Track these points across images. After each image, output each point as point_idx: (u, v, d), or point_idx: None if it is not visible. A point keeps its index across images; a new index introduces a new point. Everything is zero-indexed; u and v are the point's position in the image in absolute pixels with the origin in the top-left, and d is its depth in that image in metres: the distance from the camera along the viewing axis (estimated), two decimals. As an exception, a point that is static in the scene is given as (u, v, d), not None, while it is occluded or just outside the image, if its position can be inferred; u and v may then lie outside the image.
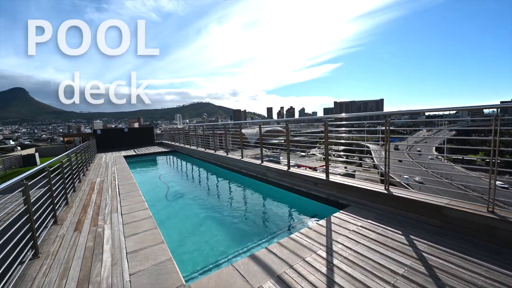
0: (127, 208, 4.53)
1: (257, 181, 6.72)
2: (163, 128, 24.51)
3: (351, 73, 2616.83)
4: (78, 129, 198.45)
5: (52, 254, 3.02)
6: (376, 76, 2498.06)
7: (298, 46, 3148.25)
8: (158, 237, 3.30)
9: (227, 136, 8.65)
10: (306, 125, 11.14)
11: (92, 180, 7.11)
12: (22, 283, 2.46)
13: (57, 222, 3.99)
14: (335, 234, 3.15)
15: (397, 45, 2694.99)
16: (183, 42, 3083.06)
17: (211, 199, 6.43)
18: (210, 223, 5.03)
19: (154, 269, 2.59)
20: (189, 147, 12.47)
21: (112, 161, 10.59)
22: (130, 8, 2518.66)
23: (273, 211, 5.37)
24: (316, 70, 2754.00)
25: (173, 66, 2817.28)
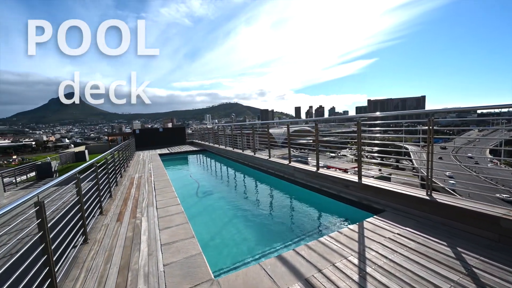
0: (161, 202, 4.84)
1: (285, 182, 6.65)
2: (194, 128, 25.69)
3: (387, 69, 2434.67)
4: (120, 129, 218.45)
5: (99, 241, 3.36)
6: (416, 71, 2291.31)
7: (328, 42, 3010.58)
8: (189, 232, 3.45)
9: (255, 136, 8.71)
10: (336, 125, 10.66)
11: (132, 175, 7.74)
12: (75, 264, 2.78)
13: (102, 213, 4.43)
14: (368, 240, 2.96)
15: (440, 37, 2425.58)
16: (212, 44, 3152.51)
17: (238, 198, 6.54)
18: (237, 221, 5.12)
19: (185, 262, 2.72)
20: (218, 146, 12.86)
21: (149, 159, 11.42)
22: (165, 15, 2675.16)
23: (301, 212, 5.26)
24: (348, 67, 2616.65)
25: (203, 68, 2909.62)
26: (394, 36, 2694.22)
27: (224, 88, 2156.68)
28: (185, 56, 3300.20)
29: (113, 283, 2.43)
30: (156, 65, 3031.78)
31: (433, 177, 3.52)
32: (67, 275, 2.57)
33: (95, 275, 2.57)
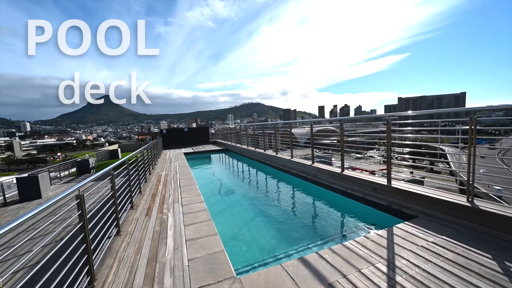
0: (186, 199, 5.03)
1: (307, 183, 6.51)
2: (217, 128, 26.32)
3: (420, 64, 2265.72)
4: (148, 128, 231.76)
5: (130, 233, 3.59)
6: (454, 66, 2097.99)
7: (355, 38, 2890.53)
8: (212, 229, 3.54)
9: (277, 136, 8.66)
10: (363, 125, 10.11)
11: (159, 173, 8.16)
12: (109, 254, 3.00)
13: (133, 207, 4.73)
14: (398, 247, 2.77)
15: (482, 27, 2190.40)
16: (235, 45, 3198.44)
17: (260, 197, 6.55)
18: (259, 220, 5.13)
19: (208, 258, 2.79)
20: (240, 146, 13.02)
21: (175, 157, 11.95)
22: (190, 19, 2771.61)
23: (324, 215, 5.11)
24: (376, 63, 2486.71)
25: (226, 69, 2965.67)
26: (429, 28, 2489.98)
27: (247, 88, 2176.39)
28: (209, 57, 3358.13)
29: (142, 273, 2.58)
30: (182, 67, 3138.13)
31: (475, 182, 3.19)
32: (103, 264, 2.78)
33: (127, 265, 2.75)
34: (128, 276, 2.54)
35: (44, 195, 7.40)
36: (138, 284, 2.42)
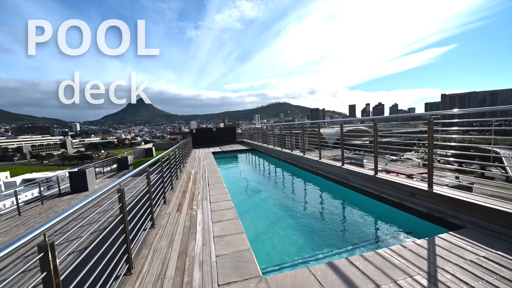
0: (214, 197, 5.18)
1: (336, 185, 6.25)
2: (244, 128, 26.70)
3: (468, 56, 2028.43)
4: (179, 128, 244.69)
5: (163, 226, 3.82)
6: (510, 57, 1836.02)
7: (390, 32, 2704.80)
8: (239, 227, 3.59)
9: (304, 136, 8.47)
10: (399, 124, 9.23)
11: (189, 171, 8.55)
12: (144, 245, 3.22)
13: (165, 202, 5.02)
14: (441, 260, 2.51)
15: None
16: (263, 45, 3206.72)
17: (286, 198, 6.47)
18: (284, 221, 5.06)
19: (235, 256, 2.83)
20: (266, 145, 13.03)
21: (203, 156, 12.41)
22: (219, 21, 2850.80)
23: (355, 219, 4.85)
24: (416, 58, 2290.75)
25: (254, 69, 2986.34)
26: (479, 16, 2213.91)
27: (273, 88, 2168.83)
28: (237, 58, 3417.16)
29: (174, 265, 2.72)
30: (211, 69, 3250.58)
31: (540, 191, 2.74)
32: (139, 254, 2.99)
33: (160, 257, 2.92)
34: (161, 267, 2.70)
35: (90, 188, 8.25)
36: (170, 275, 2.55)
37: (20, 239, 1.21)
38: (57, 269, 1.37)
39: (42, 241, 1.32)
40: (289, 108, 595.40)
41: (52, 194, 7.99)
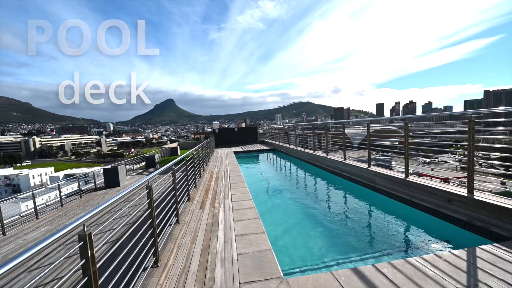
0: (236, 196, 5.25)
1: (362, 187, 5.97)
2: (265, 128, 26.70)
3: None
4: (203, 128, 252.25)
5: (187, 223, 3.96)
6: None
7: (423, 25, 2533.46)
8: (260, 227, 3.59)
9: (328, 136, 8.23)
10: (433, 124, 8.42)
11: (211, 170, 8.76)
12: (169, 240, 3.37)
13: (189, 200, 5.20)
14: (483, 274, 2.27)
15: None
16: (285, 45, 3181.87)
17: (308, 199, 6.34)
18: (307, 223, 4.96)
19: (256, 255, 2.84)
20: (288, 146, 12.89)
21: (225, 156, 12.64)
22: (241, 22, 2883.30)
23: (382, 224, 4.59)
24: (453, 51, 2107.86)
25: (275, 69, 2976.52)
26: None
27: (296, 87, 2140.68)
28: (258, 59, 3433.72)
29: (197, 261, 2.80)
30: (233, 70, 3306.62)
31: None
32: (165, 248, 3.13)
33: (184, 251, 3.03)
34: (185, 262, 2.80)
35: (122, 184, 8.84)
36: (193, 270, 2.63)
37: (64, 228, 1.33)
38: (94, 258, 1.49)
39: (82, 231, 1.44)
40: (312, 107, 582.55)
41: (89, 189, 8.71)
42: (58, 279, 2.97)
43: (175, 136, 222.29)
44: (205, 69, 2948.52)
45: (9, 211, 8.39)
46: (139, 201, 5.52)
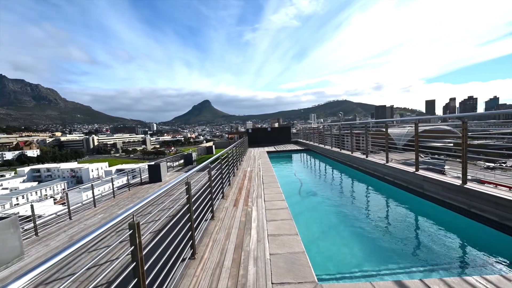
0: (268, 196, 5.24)
1: (407, 193, 5.43)
2: (299, 128, 26.17)
3: None
4: (236, 128, 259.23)
5: (221, 219, 4.09)
6: None
7: (487, 8, 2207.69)
8: (293, 228, 3.52)
9: (367, 136, 7.67)
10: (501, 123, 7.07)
11: (245, 169, 8.92)
12: (205, 234, 3.52)
13: (223, 197, 5.37)
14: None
15: None
16: (321, 41, 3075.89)
17: (345, 203, 6.00)
18: (343, 228, 4.70)
19: (289, 257, 2.79)
20: (323, 146, 12.42)
21: (258, 155, 12.75)
22: (275, 21, 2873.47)
23: (433, 235, 4.09)
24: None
25: (310, 67, 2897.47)
26: None
27: (332, 85, 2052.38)
28: (293, 57, 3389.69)
29: (231, 257, 2.87)
30: (266, 70, 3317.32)
31: None
32: (201, 242, 3.29)
33: (219, 247, 3.14)
34: (220, 257, 2.89)
35: (163, 179, 9.57)
36: (227, 265, 2.70)
37: (117, 217, 1.48)
38: (141, 245, 1.63)
39: (132, 221, 1.59)
40: (350, 106, 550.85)
41: (135, 182, 9.66)
42: (110, 261, 3.35)
43: (210, 135, 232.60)
44: (240, 70, 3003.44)
45: (74, 199, 9.80)
46: (178, 196, 5.92)
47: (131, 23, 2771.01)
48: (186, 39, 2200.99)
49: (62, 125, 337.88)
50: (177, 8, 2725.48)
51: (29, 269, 0.92)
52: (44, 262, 0.98)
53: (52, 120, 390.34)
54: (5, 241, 3.56)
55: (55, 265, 1.03)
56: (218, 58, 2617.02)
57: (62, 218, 5.82)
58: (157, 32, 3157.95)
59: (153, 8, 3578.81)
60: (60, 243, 4.40)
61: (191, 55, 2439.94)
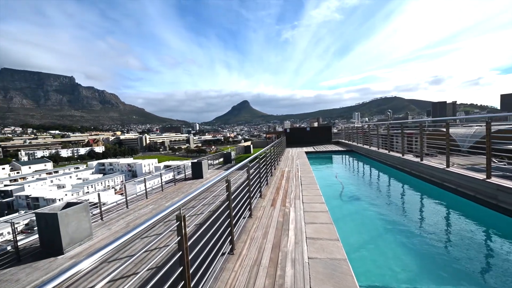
0: (307, 198, 5.09)
1: (474, 204, 4.65)
2: (340, 127, 24.80)
3: None
4: (274, 128, 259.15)
5: (259, 218, 4.13)
6: None
7: None
8: (334, 233, 3.33)
9: (423, 137, 6.80)
10: None
11: (282, 169, 8.84)
12: (243, 232, 3.60)
13: (261, 196, 5.41)
14: None
15: None
16: (367, 33, 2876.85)
17: (394, 211, 5.45)
18: (391, 238, 4.27)
19: (329, 263, 2.65)
20: (367, 147, 11.51)
21: (296, 155, 12.50)
22: (316, 16, 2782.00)
23: (508, 255, 3.42)
24: None
25: (354, 62, 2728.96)
26: None
27: (379, 81, 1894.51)
28: (334, 53, 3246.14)
29: (268, 256, 2.87)
30: (306, 68, 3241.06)
31: None
32: (239, 238, 3.37)
33: (256, 245, 3.17)
34: (257, 255, 2.91)
35: (204, 176, 10.14)
36: (265, 264, 2.71)
37: (167, 209, 1.62)
38: (186, 236, 1.75)
39: (179, 213, 1.71)
40: (400, 103, 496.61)
41: (180, 178, 10.45)
42: (158, 249, 3.69)
43: (248, 135, 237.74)
44: (278, 70, 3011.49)
45: (130, 190, 11.13)
46: (218, 192, 6.19)
47: (178, 31, 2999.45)
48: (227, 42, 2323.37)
49: (121, 125, 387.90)
50: (219, 13, 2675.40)
51: (98, 248, 1.07)
52: (110, 243, 1.13)
53: (114, 121, 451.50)
54: (79, 222, 4.24)
55: (117, 247, 1.17)
56: (257, 59, 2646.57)
57: (120, 206, 6.66)
58: (201, 37, 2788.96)
59: (197, 15, 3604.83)
60: (119, 228, 5.04)
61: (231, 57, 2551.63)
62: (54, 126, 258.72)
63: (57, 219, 3.88)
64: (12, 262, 3.81)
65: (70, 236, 4.07)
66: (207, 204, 5.43)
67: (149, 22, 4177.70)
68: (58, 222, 3.87)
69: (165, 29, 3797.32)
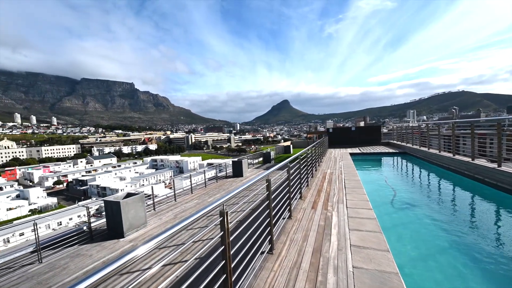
0: (351, 202, 4.75)
1: None
2: (391, 127, 22.49)
3: None
4: (315, 127, 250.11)
5: (298, 220, 4.03)
6: None
7: None
8: (383, 244, 3.03)
9: (501, 138, 5.65)
10: None
11: (324, 170, 8.45)
12: (283, 232, 3.55)
13: (301, 198, 5.26)
14: None
15: None
16: (426, 21, 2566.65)
17: (459, 223, 4.68)
18: (454, 254, 3.69)
19: (377, 275, 2.42)
20: (425, 149, 10.16)
21: (340, 157, 11.81)
22: (363, 7, 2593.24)
23: None
24: None
25: (409, 54, 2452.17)
26: None
27: (441, 74, 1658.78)
28: (385, 45, 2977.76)
29: (308, 260, 2.77)
30: (351, 63, 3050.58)
31: None
32: (278, 238, 3.34)
33: (296, 247, 3.09)
34: (297, 257, 2.84)
35: (244, 175, 10.39)
36: (305, 268, 2.62)
37: (211, 204, 1.70)
38: (229, 232, 1.81)
39: (222, 209, 1.78)
40: (469, 98, 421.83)
41: (222, 176, 10.94)
42: (202, 241, 3.92)
43: (288, 135, 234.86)
44: (320, 67, 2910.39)
45: (177, 185, 12.14)
46: (258, 191, 6.26)
47: (222, 35, 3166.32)
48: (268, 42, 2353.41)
49: (171, 125, 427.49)
50: (260, 14, 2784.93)
51: (153, 235, 1.18)
52: (163, 232, 1.24)
53: (165, 122, 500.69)
54: (137, 211, 4.81)
55: (168, 236, 1.27)
56: (298, 57, 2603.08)
57: (169, 199, 7.31)
58: (243, 40, 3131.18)
59: (239, 18, 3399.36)
60: (168, 219, 5.53)
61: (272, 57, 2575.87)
62: (118, 126, 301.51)
63: (120, 207, 4.47)
64: (87, 240, 4.54)
65: (130, 222, 4.64)
66: (247, 202, 5.54)
67: (195, 29, 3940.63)
68: (120, 209, 4.46)
69: (209, 34, 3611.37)
